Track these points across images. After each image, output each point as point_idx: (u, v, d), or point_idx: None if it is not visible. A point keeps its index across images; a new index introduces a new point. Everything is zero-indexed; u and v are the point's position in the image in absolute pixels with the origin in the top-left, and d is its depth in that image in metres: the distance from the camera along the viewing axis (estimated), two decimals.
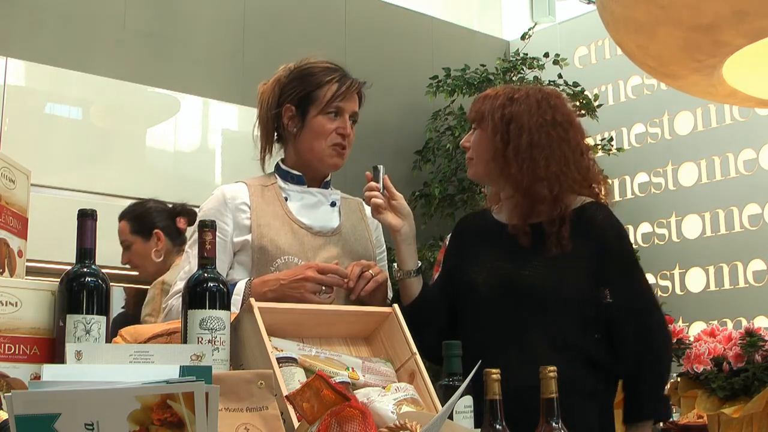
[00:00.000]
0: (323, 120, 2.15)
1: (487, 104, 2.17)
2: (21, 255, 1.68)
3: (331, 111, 2.15)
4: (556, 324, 2.03)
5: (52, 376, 1.17)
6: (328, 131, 2.15)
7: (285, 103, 2.18)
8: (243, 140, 4.74)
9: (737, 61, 2.36)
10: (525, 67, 5.72)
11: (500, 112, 2.13)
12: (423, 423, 1.25)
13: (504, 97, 2.16)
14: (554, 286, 2.04)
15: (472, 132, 2.22)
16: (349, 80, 2.18)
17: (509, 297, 2.06)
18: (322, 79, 2.17)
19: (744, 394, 2.42)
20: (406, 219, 2.10)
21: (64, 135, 4.09)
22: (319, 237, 2.13)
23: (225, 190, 2.17)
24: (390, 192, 2.10)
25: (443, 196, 5.46)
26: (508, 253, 2.11)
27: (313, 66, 2.21)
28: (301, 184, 2.20)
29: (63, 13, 4.51)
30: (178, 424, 1.01)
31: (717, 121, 5.42)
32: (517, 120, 2.12)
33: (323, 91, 2.15)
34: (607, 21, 2.42)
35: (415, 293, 2.11)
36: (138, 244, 3.33)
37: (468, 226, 2.30)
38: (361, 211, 2.29)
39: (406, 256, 2.10)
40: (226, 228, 2.10)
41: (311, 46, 2.46)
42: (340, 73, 2.18)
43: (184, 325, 1.59)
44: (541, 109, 2.14)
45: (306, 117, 2.16)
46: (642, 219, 5.56)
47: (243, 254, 2.11)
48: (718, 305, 5.07)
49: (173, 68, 4.80)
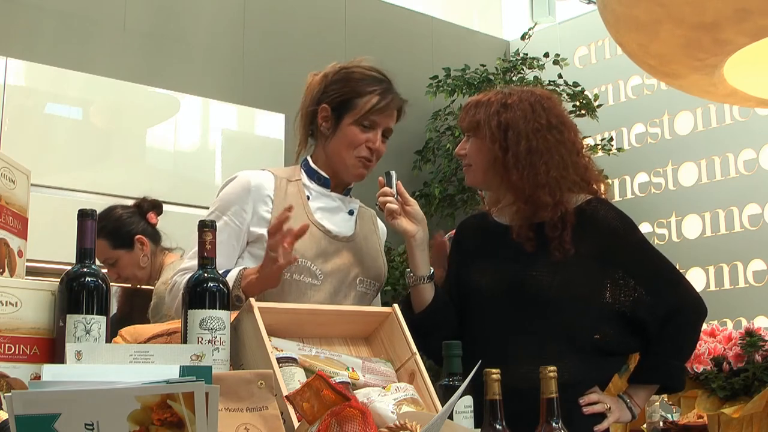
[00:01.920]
0: (356, 130, 2.11)
1: (481, 112, 2.15)
2: (21, 255, 1.68)
3: (366, 123, 2.12)
4: (563, 324, 2.04)
5: (52, 376, 1.17)
6: (359, 142, 2.11)
7: (324, 102, 2.15)
8: (243, 140, 4.78)
9: (737, 60, 2.36)
10: (525, 67, 5.72)
11: (496, 120, 2.12)
12: (423, 423, 1.25)
13: (497, 103, 2.15)
14: (561, 287, 2.04)
15: (466, 140, 2.21)
16: (391, 95, 2.14)
17: (515, 298, 2.06)
18: (365, 88, 2.13)
19: (744, 394, 2.42)
20: (420, 224, 2.08)
21: (64, 135, 4.09)
22: (335, 242, 2.11)
23: (251, 177, 2.11)
24: (404, 198, 2.08)
25: (443, 196, 5.46)
26: (512, 254, 2.11)
27: (359, 71, 2.17)
28: (326, 186, 2.17)
29: (63, 13, 4.50)
30: (178, 424, 1.01)
31: (717, 121, 5.42)
32: (513, 127, 2.11)
33: (363, 101, 2.12)
34: (608, 20, 2.42)
35: (428, 299, 2.09)
36: (124, 257, 3.21)
37: (469, 229, 2.29)
38: (374, 224, 2.28)
39: (419, 261, 2.08)
40: (244, 215, 2.07)
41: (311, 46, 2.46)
42: (383, 86, 2.15)
43: (184, 325, 1.59)
44: (535, 113, 2.13)
45: (340, 122, 2.13)
46: (642, 219, 5.55)
47: (257, 246, 2.07)
48: (718, 305, 5.06)
49: (173, 68, 4.80)
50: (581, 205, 2.12)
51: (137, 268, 3.22)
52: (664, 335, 2.08)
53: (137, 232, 3.22)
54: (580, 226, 2.08)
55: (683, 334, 2.11)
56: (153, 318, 3.08)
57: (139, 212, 3.28)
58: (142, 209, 3.28)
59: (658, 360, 2.09)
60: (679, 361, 2.13)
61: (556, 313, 2.04)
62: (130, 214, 3.26)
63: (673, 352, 2.10)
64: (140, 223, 3.24)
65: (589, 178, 2.17)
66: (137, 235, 3.21)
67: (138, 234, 3.21)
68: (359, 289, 2.12)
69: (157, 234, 3.28)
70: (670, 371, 2.10)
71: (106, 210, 3.21)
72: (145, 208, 3.29)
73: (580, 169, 2.15)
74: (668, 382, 2.13)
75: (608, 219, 2.12)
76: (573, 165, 2.13)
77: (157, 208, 3.30)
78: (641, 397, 2.11)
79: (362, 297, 2.14)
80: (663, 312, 2.07)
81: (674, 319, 2.08)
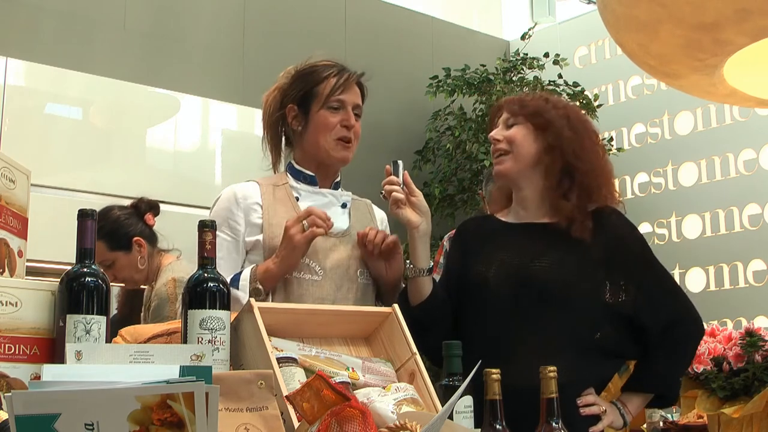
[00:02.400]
0: (326, 114, 2.15)
1: (550, 109, 2.17)
2: (21, 255, 1.68)
3: (333, 104, 2.15)
4: (568, 319, 2.04)
5: (52, 376, 1.17)
6: (332, 124, 2.15)
7: (288, 104, 2.19)
8: (243, 140, 4.78)
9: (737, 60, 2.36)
10: (525, 67, 5.72)
11: (564, 123, 2.15)
12: (423, 423, 1.25)
13: (563, 108, 2.20)
14: (567, 282, 2.05)
15: (505, 126, 2.18)
16: (347, 73, 2.19)
17: (520, 291, 2.06)
18: (321, 74, 2.18)
19: (744, 394, 2.42)
20: (425, 216, 2.08)
21: (64, 135, 4.09)
22: (330, 238, 2.12)
23: (236, 190, 2.16)
24: (410, 188, 2.08)
25: (443, 196, 5.46)
26: (518, 249, 2.11)
27: (311, 65, 2.22)
28: (313, 184, 2.20)
29: (63, 13, 4.51)
30: (178, 424, 1.01)
31: (717, 121, 5.42)
32: (570, 133, 2.14)
33: (323, 86, 2.16)
34: (608, 20, 2.42)
35: (426, 293, 2.09)
36: (122, 259, 3.15)
37: (471, 228, 2.29)
38: (370, 213, 2.29)
39: (421, 253, 2.08)
40: (238, 228, 2.11)
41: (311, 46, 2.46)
42: (337, 68, 2.19)
43: (184, 325, 1.59)
44: (582, 125, 2.20)
45: (309, 113, 2.17)
46: (642, 219, 5.55)
47: (255, 254, 2.11)
48: (718, 305, 5.06)
49: (173, 68, 4.80)
50: (595, 210, 2.14)
51: (134, 270, 3.17)
52: (662, 346, 2.09)
53: (135, 234, 3.17)
54: (594, 225, 2.10)
55: (681, 346, 2.13)
56: (153, 320, 3.06)
57: (136, 213, 3.23)
58: (140, 210, 3.24)
59: (654, 369, 2.10)
60: (675, 374, 2.14)
61: (560, 310, 2.04)
62: (128, 215, 3.21)
63: (669, 364, 2.11)
64: (138, 225, 3.19)
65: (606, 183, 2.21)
66: (135, 237, 3.16)
67: (136, 236, 3.16)
68: (361, 281, 2.14)
69: (154, 235, 3.24)
70: (665, 382, 2.12)
71: (103, 210, 3.14)
72: (143, 209, 3.24)
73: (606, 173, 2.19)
74: (662, 391, 2.13)
75: (618, 227, 2.15)
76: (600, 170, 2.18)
77: (155, 209, 3.26)
78: (634, 404, 2.11)
79: (365, 289, 2.15)
80: (663, 322, 2.08)
81: (673, 331, 2.09)
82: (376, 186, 2.10)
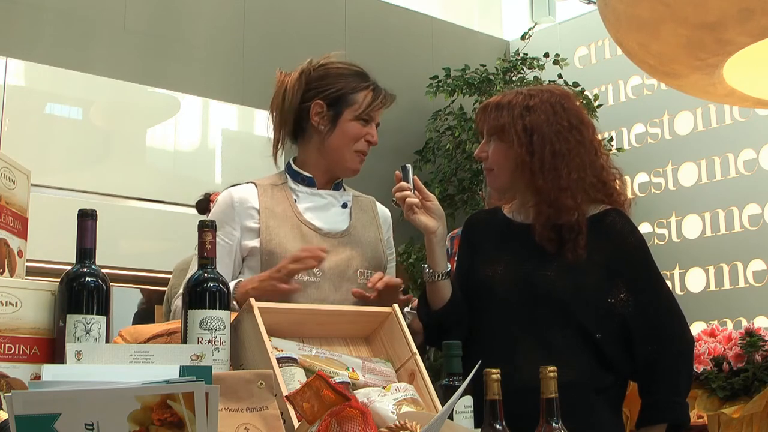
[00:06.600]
0: (357, 125, 2.15)
1: (504, 115, 2.12)
2: (21, 255, 1.68)
3: (366, 117, 2.16)
4: (572, 324, 2.03)
5: (52, 376, 1.17)
6: (359, 136, 2.15)
7: (315, 98, 2.14)
8: (243, 140, 4.78)
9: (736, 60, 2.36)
10: (525, 67, 5.72)
11: (521, 124, 2.10)
12: (423, 423, 1.24)
13: (520, 106, 2.12)
14: (572, 289, 2.04)
15: (487, 142, 2.18)
16: (383, 92, 2.19)
17: (526, 296, 2.05)
18: (358, 84, 2.16)
19: (744, 394, 2.42)
20: (440, 220, 2.05)
21: (64, 135, 4.09)
22: (329, 239, 2.11)
23: (233, 193, 2.14)
24: (422, 192, 2.06)
25: (443, 196, 5.46)
26: (525, 252, 2.10)
27: (341, 66, 2.19)
28: (311, 186, 2.18)
29: (63, 13, 4.51)
30: (178, 424, 1.01)
31: (717, 121, 5.42)
32: (538, 131, 2.09)
33: (360, 97, 2.15)
34: (609, 19, 2.42)
35: (446, 296, 2.07)
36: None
37: (479, 223, 2.27)
38: (374, 210, 2.27)
39: (439, 258, 2.06)
40: (233, 233, 2.09)
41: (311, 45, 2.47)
42: (372, 82, 2.19)
43: (184, 325, 1.59)
44: (557, 115, 2.12)
45: (339, 118, 2.14)
46: (642, 219, 5.55)
47: (253, 259, 2.08)
48: (718, 305, 5.06)
49: (173, 68, 4.80)
50: (599, 214, 2.12)
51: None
52: (659, 371, 2.04)
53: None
54: (596, 233, 2.08)
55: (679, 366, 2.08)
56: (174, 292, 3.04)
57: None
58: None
59: (659, 398, 2.05)
60: (681, 397, 2.10)
61: (565, 314, 2.03)
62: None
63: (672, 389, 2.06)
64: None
65: (605, 178, 2.17)
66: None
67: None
68: (360, 282, 2.12)
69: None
70: (674, 407, 2.05)
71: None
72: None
73: (597, 168, 2.15)
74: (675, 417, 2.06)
75: (623, 233, 2.12)
76: (591, 165, 2.13)
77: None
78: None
79: (365, 289, 2.14)
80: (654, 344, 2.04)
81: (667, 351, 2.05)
82: (376, 186, 2.11)
